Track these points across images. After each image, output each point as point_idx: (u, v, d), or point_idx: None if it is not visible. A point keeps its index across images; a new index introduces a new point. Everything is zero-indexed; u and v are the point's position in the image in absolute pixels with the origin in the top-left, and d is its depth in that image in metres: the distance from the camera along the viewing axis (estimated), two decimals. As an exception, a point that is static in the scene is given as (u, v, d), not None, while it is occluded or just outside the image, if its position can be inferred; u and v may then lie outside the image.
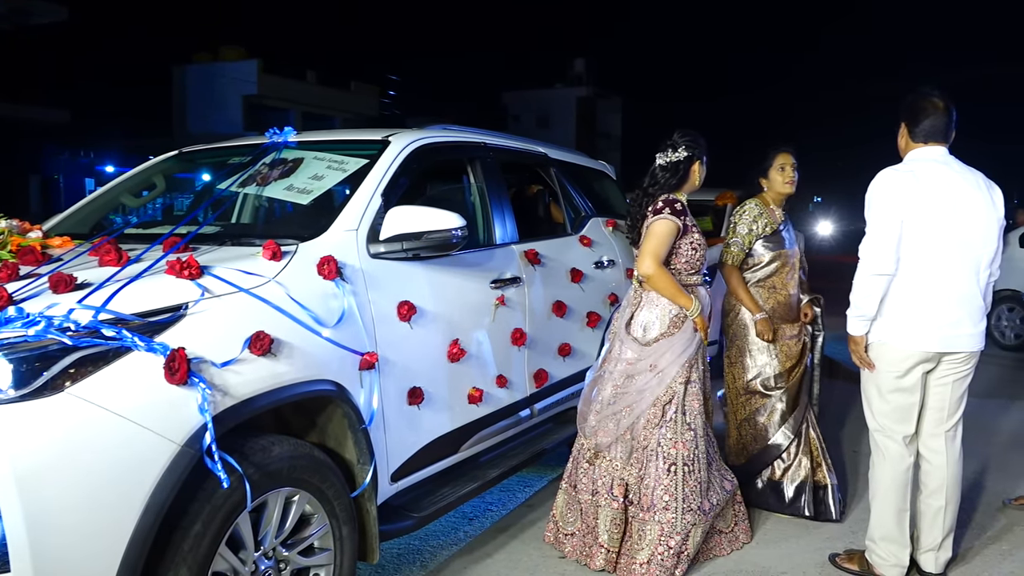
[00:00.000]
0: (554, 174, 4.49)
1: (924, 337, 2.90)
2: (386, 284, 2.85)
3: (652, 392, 3.18)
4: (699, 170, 3.35)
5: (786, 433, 3.79)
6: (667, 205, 3.23)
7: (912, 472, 3.05)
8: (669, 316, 3.23)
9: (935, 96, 2.98)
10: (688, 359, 3.20)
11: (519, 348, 3.60)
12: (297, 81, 31.30)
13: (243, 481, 2.11)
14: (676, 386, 3.19)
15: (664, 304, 3.24)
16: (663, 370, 3.18)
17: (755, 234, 3.83)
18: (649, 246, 3.19)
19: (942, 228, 2.85)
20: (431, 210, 2.89)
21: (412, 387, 2.92)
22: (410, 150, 3.25)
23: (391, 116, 33.93)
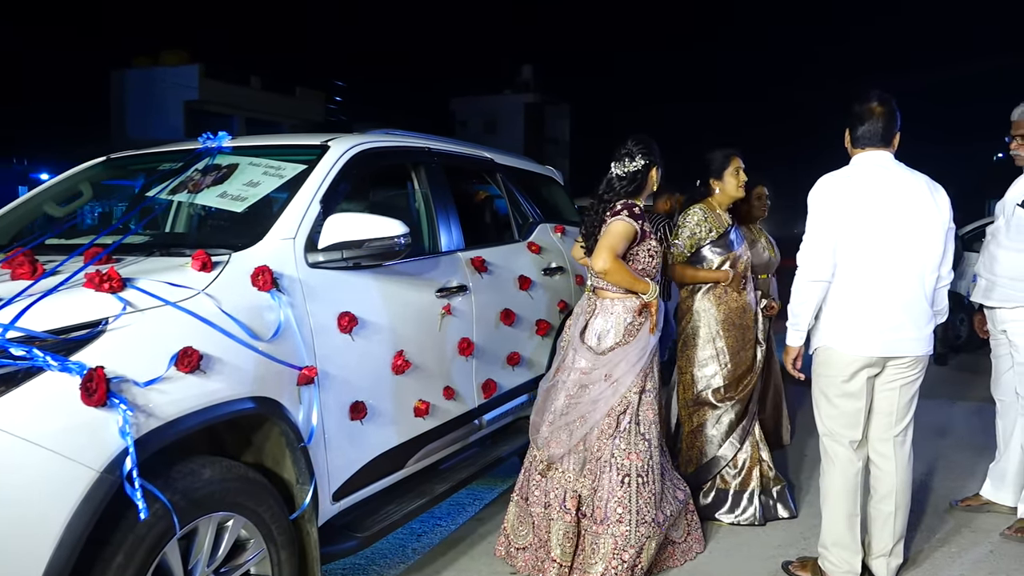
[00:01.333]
0: (501, 180, 4.41)
1: (866, 342, 2.88)
2: (325, 294, 2.73)
3: (606, 402, 3.11)
4: (656, 176, 3.31)
5: (734, 443, 3.76)
6: (625, 208, 3.17)
7: (862, 477, 3.03)
8: (624, 324, 3.17)
9: (874, 101, 2.97)
10: (643, 368, 3.14)
11: (466, 358, 3.50)
12: (240, 86, 30.79)
13: (169, 508, 1.97)
14: (631, 396, 3.12)
15: (619, 312, 3.18)
16: (618, 379, 3.11)
17: (698, 238, 3.80)
18: (605, 242, 3.12)
19: (882, 232, 2.84)
20: (372, 217, 2.78)
21: (354, 401, 2.81)
22: (350, 155, 3.13)
23: (337, 122, 33.55)
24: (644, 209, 3.27)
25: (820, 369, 3.03)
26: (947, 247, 2.94)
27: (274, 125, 29.85)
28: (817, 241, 2.90)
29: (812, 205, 2.95)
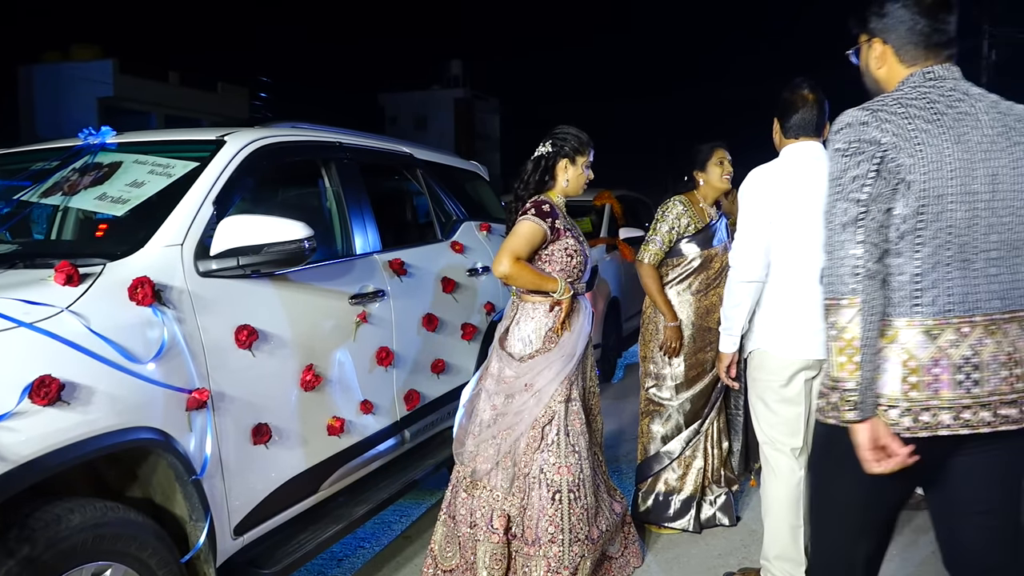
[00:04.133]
0: (421, 175, 4.15)
1: (802, 344, 2.73)
2: (220, 307, 2.44)
3: (530, 413, 2.90)
4: (569, 169, 3.06)
5: (679, 444, 3.60)
6: (533, 206, 2.96)
7: (804, 486, 2.89)
8: (545, 330, 2.96)
9: (805, 88, 2.83)
10: (567, 376, 2.93)
11: (386, 368, 3.25)
12: (158, 82, 29.68)
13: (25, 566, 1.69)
14: (555, 405, 2.91)
15: (539, 318, 2.97)
16: (540, 389, 2.90)
17: (677, 232, 3.61)
18: (506, 244, 2.91)
19: (813, 228, 2.70)
20: (272, 219, 2.51)
21: (257, 424, 2.53)
22: (250, 151, 2.84)
23: (262, 118, 32.72)
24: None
25: (755, 374, 2.88)
26: None
27: (195, 122, 28.85)
28: (750, 239, 2.74)
29: (743, 201, 2.80)
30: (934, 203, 1.66)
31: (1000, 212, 1.70)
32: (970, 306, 1.69)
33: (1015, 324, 1.72)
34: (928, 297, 1.68)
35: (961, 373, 1.68)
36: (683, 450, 3.61)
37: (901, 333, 1.70)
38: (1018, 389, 1.71)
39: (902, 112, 1.69)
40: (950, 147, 1.66)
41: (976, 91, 1.77)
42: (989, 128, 1.71)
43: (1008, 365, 1.70)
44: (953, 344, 1.68)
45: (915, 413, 1.68)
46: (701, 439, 3.63)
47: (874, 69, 1.87)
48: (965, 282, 1.69)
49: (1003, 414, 1.69)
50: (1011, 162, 1.71)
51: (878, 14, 1.82)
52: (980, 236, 1.69)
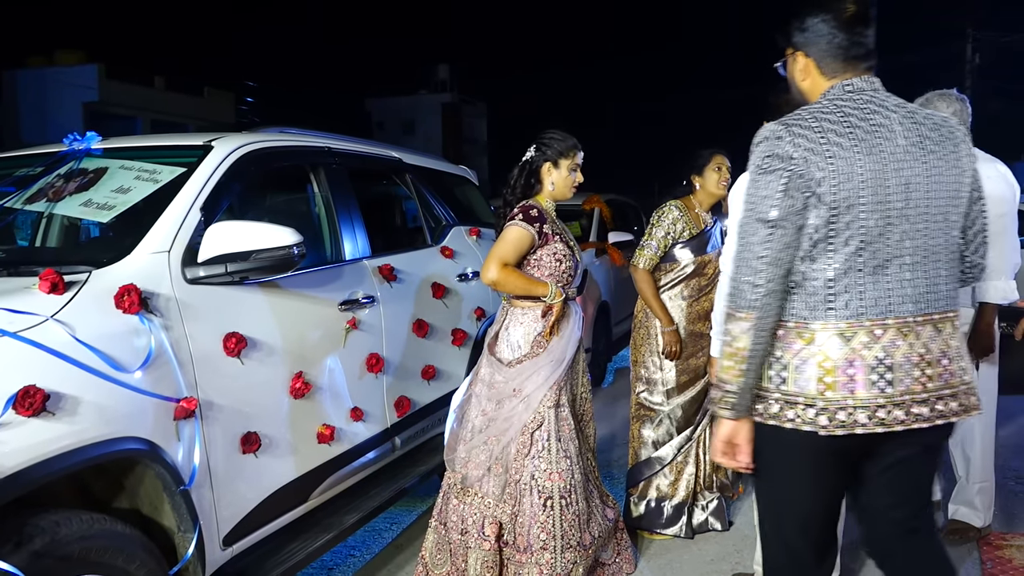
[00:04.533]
0: (410, 181, 4.13)
1: None
2: (208, 314, 2.41)
3: (519, 419, 2.88)
4: (553, 173, 3.04)
5: (671, 449, 3.59)
6: (521, 211, 2.95)
7: None
8: (534, 335, 2.94)
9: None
10: (556, 381, 2.92)
11: (376, 375, 3.22)
12: (144, 87, 29.49)
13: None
14: (544, 411, 2.89)
15: (528, 323, 2.96)
16: (529, 395, 2.89)
17: (672, 238, 3.60)
18: (493, 251, 2.92)
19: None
20: (261, 225, 2.48)
21: (246, 432, 2.50)
22: (238, 156, 2.81)
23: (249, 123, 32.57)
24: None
25: None
26: None
27: (181, 127, 28.69)
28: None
29: (734, 205, 2.79)
30: (845, 213, 1.71)
31: (914, 219, 1.76)
32: (883, 309, 1.75)
33: (929, 326, 1.78)
34: (841, 301, 1.75)
35: (875, 374, 1.74)
36: (675, 456, 3.60)
37: (817, 335, 1.76)
38: (930, 389, 1.77)
39: (815, 126, 1.74)
40: (862, 158, 1.72)
41: (894, 102, 1.83)
42: (903, 138, 1.76)
43: (920, 366, 1.76)
44: (866, 346, 1.74)
45: (831, 412, 1.74)
46: (693, 445, 3.61)
47: (799, 81, 1.94)
48: (878, 287, 1.75)
49: (915, 412, 1.76)
50: (925, 170, 1.76)
51: (800, 28, 1.88)
52: (894, 243, 1.75)
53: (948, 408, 1.79)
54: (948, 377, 1.79)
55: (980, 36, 18.74)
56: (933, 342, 1.78)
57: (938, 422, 1.78)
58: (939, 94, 3.22)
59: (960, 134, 1.84)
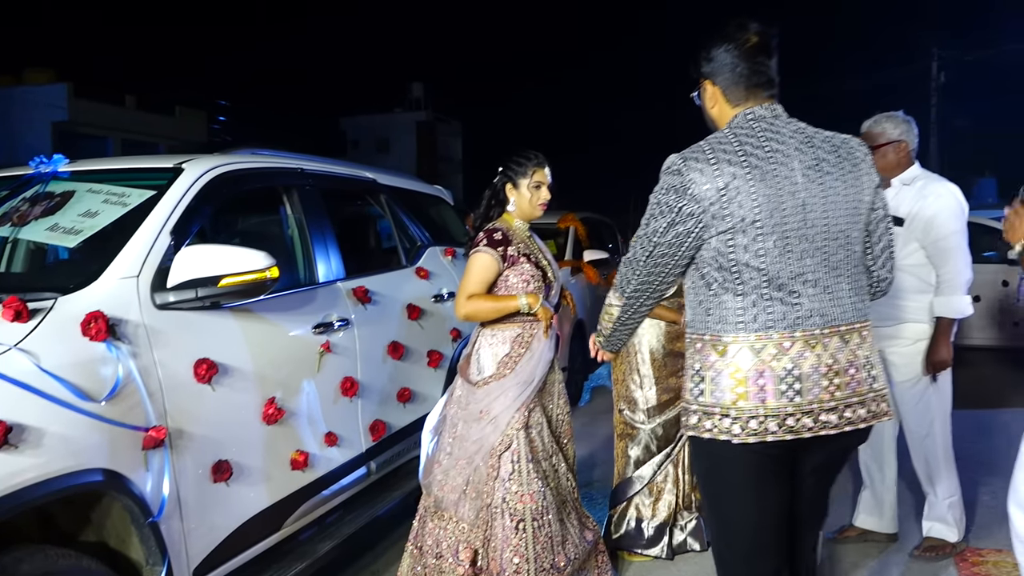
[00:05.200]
0: (385, 201, 4.10)
1: None
2: (178, 340, 2.37)
3: (488, 441, 2.86)
4: (514, 193, 3.02)
5: (651, 468, 3.57)
6: (485, 236, 2.94)
7: None
8: (500, 356, 2.92)
9: None
10: (524, 402, 2.89)
11: (351, 399, 3.18)
12: (114, 106, 29.17)
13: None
14: (512, 432, 2.86)
15: (496, 344, 2.93)
16: (496, 416, 2.86)
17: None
18: (461, 285, 2.92)
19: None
20: (232, 249, 2.45)
21: (217, 461, 2.45)
22: (209, 179, 2.78)
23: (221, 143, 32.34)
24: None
25: None
26: None
27: (152, 146, 28.42)
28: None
29: None
30: (742, 236, 1.83)
31: (813, 238, 1.86)
32: (790, 323, 1.85)
33: (835, 338, 1.88)
34: (750, 316, 1.85)
35: (784, 384, 1.83)
36: (654, 475, 3.58)
37: (729, 348, 1.87)
38: (838, 397, 1.86)
39: (711, 157, 1.86)
40: (755, 184, 1.82)
41: (792, 128, 1.93)
42: (799, 162, 1.86)
43: (828, 375, 1.85)
44: (775, 357, 1.84)
45: (744, 421, 1.84)
46: (670, 465, 3.60)
47: (708, 109, 2.04)
48: (784, 302, 1.85)
49: (824, 420, 1.85)
50: (822, 192, 1.87)
51: (707, 59, 1.99)
52: (795, 261, 1.85)
53: (856, 415, 1.88)
54: (856, 385, 1.88)
55: (945, 55, 19.13)
56: (840, 353, 1.87)
57: (847, 428, 1.87)
58: (886, 116, 3.32)
59: (860, 155, 1.95)
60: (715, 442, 1.88)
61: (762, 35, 1.95)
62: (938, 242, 3.17)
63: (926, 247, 3.19)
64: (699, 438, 1.91)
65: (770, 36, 1.96)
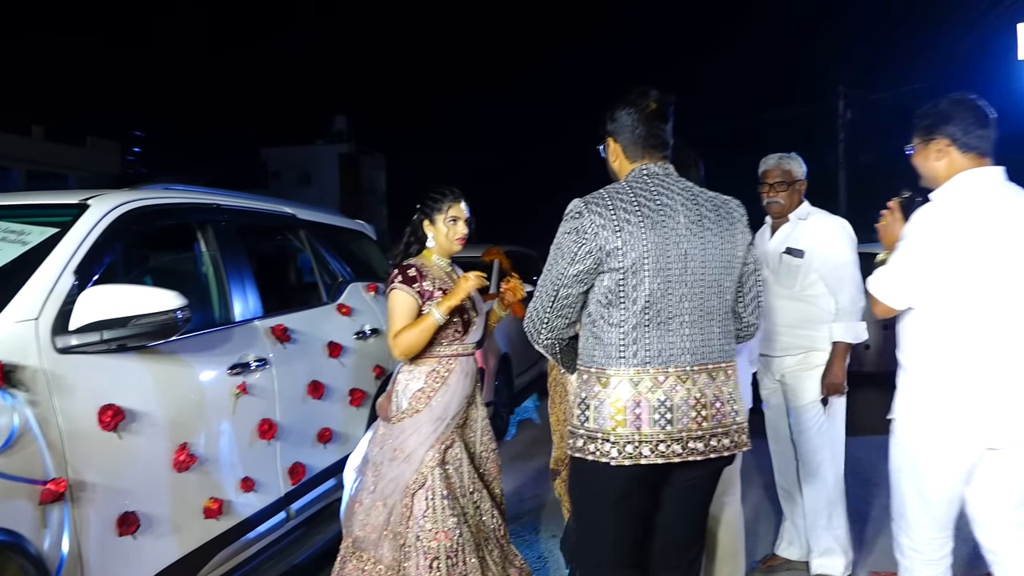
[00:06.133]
0: (305, 237, 4.02)
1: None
2: (81, 386, 2.25)
3: (403, 479, 2.80)
4: (431, 229, 2.99)
5: None
6: (399, 273, 2.91)
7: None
8: (412, 392, 2.87)
9: (682, 149, 2.88)
10: (439, 438, 2.84)
11: (268, 442, 3.07)
12: (19, 136, 27.99)
13: None
14: (426, 470, 2.81)
15: (412, 379, 2.89)
16: (410, 454, 2.81)
17: None
18: (389, 326, 2.88)
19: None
20: (140, 289, 2.35)
21: (123, 513, 2.32)
22: (116, 216, 2.66)
23: (136, 175, 31.34)
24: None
25: None
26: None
27: (61, 178, 27.35)
28: None
29: None
30: (632, 276, 2.02)
31: (692, 284, 2.06)
32: (665, 359, 2.04)
33: (704, 375, 2.08)
34: (631, 351, 2.04)
35: (657, 413, 2.02)
36: None
37: (611, 380, 2.05)
38: (705, 428, 2.05)
39: (609, 204, 2.05)
40: (646, 232, 2.02)
41: (680, 186, 2.14)
42: (684, 216, 2.07)
43: (696, 407, 2.05)
44: (651, 390, 2.03)
45: (621, 446, 2.02)
46: None
47: (611, 162, 2.26)
48: (662, 340, 2.04)
49: (692, 447, 2.04)
50: (702, 244, 2.08)
51: (611, 119, 2.20)
52: (675, 303, 2.05)
53: (721, 444, 2.08)
54: (721, 418, 2.08)
55: (851, 94, 20.05)
56: (708, 388, 2.07)
57: (711, 456, 2.07)
58: (789, 156, 3.49)
59: (737, 215, 2.17)
60: (596, 464, 2.04)
61: (660, 102, 2.17)
62: (835, 271, 3.31)
63: (824, 277, 3.33)
64: (583, 459, 2.08)
65: (667, 104, 2.18)
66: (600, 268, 2.04)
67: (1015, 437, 2.20)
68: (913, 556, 2.40)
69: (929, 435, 2.27)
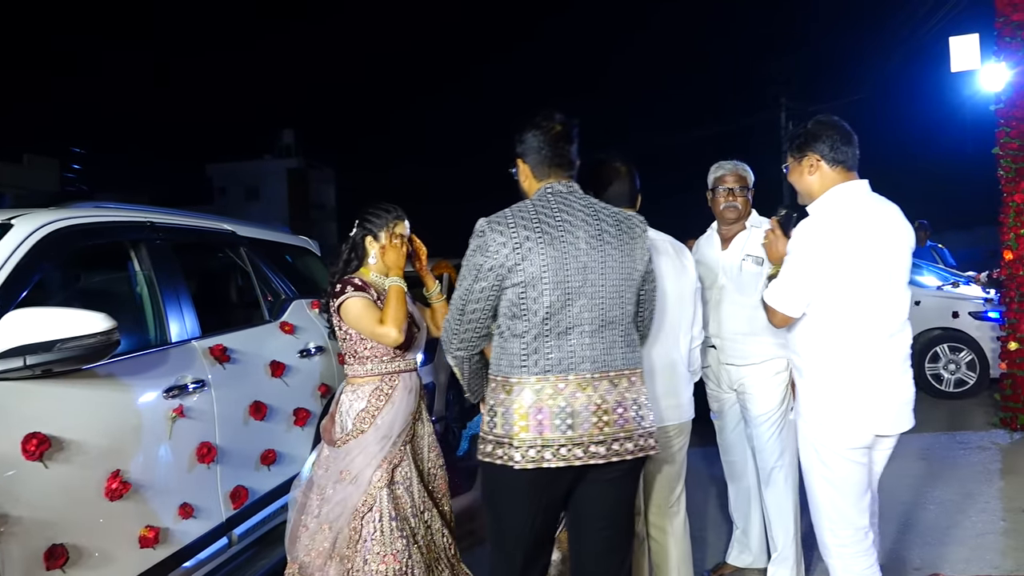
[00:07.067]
0: (245, 254, 3.93)
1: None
2: (3, 414, 2.15)
3: (351, 502, 2.74)
4: (375, 245, 2.96)
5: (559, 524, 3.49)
6: (346, 285, 2.86)
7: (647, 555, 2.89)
8: (356, 412, 2.82)
9: (617, 162, 2.92)
10: (386, 457, 2.79)
11: (208, 465, 2.98)
12: (-48, 154, 27.11)
13: None
14: (375, 491, 2.75)
15: (355, 399, 2.84)
16: (357, 475, 2.75)
17: None
18: (365, 328, 2.80)
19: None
20: (67, 311, 2.26)
21: (51, 546, 2.22)
22: (42, 236, 2.57)
23: (76, 192, 30.52)
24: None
25: None
26: (696, 306, 2.97)
27: (-4, 197, 26.52)
28: None
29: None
30: (531, 290, 2.12)
31: (592, 296, 2.16)
32: (565, 367, 2.14)
33: (605, 382, 2.17)
34: (532, 360, 2.14)
35: (558, 419, 2.11)
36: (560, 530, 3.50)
37: (515, 388, 2.15)
38: (606, 432, 2.14)
39: (511, 223, 2.16)
40: (545, 248, 2.13)
41: (582, 203, 2.25)
42: (584, 232, 2.18)
43: (597, 414, 2.14)
44: (552, 396, 2.13)
45: (524, 450, 2.11)
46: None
47: (521, 182, 2.37)
48: (562, 349, 2.14)
49: (593, 451, 2.13)
50: (600, 258, 2.18)
51: (520, 140, 2.32)
52: (574, 314, 2.14)
53: (624, 448, 2.17)
54: (624, 423, 2.17)
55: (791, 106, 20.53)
56: (609, 394, 2.16)
57: (613, 459, 2.15)
58: (741, 163, 3.49)
59: (638, 232, 2.27)
60: (504, 467, 2.13)
61: (565, 125, 2.29)
62: None
63: None
64: (491, 463, 2.17)
65: (572, 126, 2.31)
66: (503, 283, 2.14)
67: (898, 424, 2.48)
68: (842, 552, 2.50)
69: (830, 427, 2.46)
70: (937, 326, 7.58)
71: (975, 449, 5.55)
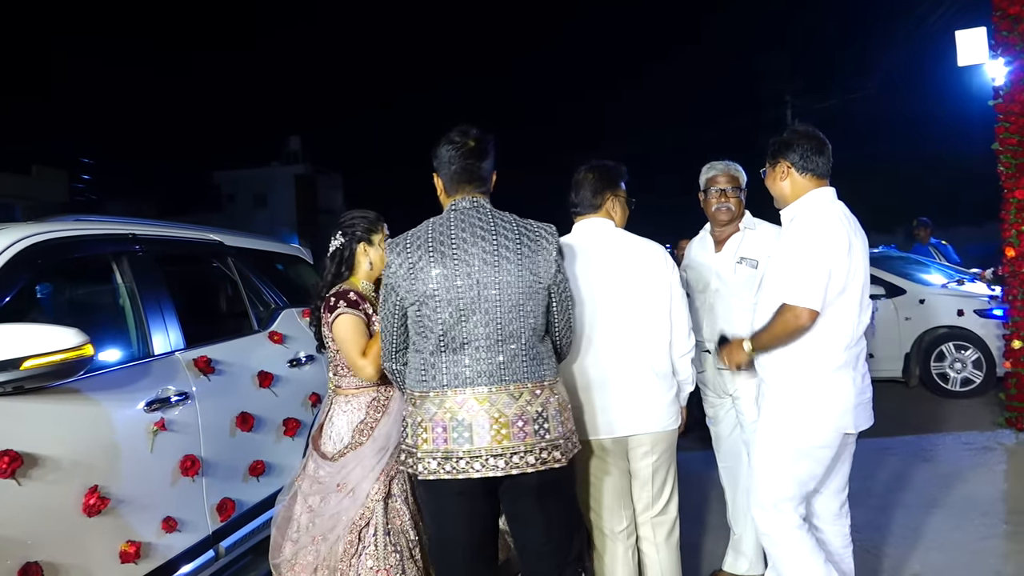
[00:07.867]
0: (233, 264, 3.91)
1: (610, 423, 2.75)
2: (-27, 432, 2.13)
3: (346, 515, 2.70)
4: (370, 251, 2.92)
5: None
6: (340, 299, 2.80)
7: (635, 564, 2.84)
8: (355, 424, 2.78)
9: (582, 170, 2.91)
10: (384, 469, 2.75)
11: (193, 478, 2.96)
12: (-40, 165, 27.28)
13: None
14: (372, 504, 2.72)
15: (351, 410, 2.80)
16: (354, 488, 2.70)
17: None
18: (349, 352, 2.72)
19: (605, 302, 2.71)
20: (36, 327, 2.25)
21: (26, 564, 2.21)
22: (19, 249, 2.56)
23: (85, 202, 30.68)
24: None
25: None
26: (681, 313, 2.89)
27: (7, 208, 26.68)
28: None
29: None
30: (424, 307, 2.19)
31: (488, 310, 2.18)
32: (462, 381, 2.18)
33: (504, 395, 2.19)
34: (431, 375, 2.20)
35: (456, 432, 2.16)
36: None
37: (418, 401, 2.22)
38: (505, 446, 2.16)
39: (408, 244, 2.24)
40: (436, 266, 2.18)
41: (483, 219, 2.25)
42: (478, 248, 2.20)
43: (495, 427, 2.16)
44: (450, 410, 2.18)
45: (426, 461, 2.18)
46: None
47: (439, 195, 2.40)
48: (457, 364, 2.19)
49: (492, 464, 2.16)
50: (495, 273, 2.19)
51: (435, 155, 2.35)
52: (470, 329, 2.18)
53: (524, 461, 2.17)
54: (523, 437, 2.17)
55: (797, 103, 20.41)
56: (508, 408, 2.17)
57: (513, 472, 2.16)
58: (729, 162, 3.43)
59: (545, 241, 2.27)
60: (416, 477, 2.23)
61: (479, 141, 2.31)
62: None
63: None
64: (410, 473, 2.27)
65: (486, 142, 2.32)
66: (403, 303, 2.23)
67: (862, 422, 2.63)
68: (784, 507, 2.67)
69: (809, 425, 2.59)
70: (942, 324, 7.50)
71: (980, 450, 5.47)
